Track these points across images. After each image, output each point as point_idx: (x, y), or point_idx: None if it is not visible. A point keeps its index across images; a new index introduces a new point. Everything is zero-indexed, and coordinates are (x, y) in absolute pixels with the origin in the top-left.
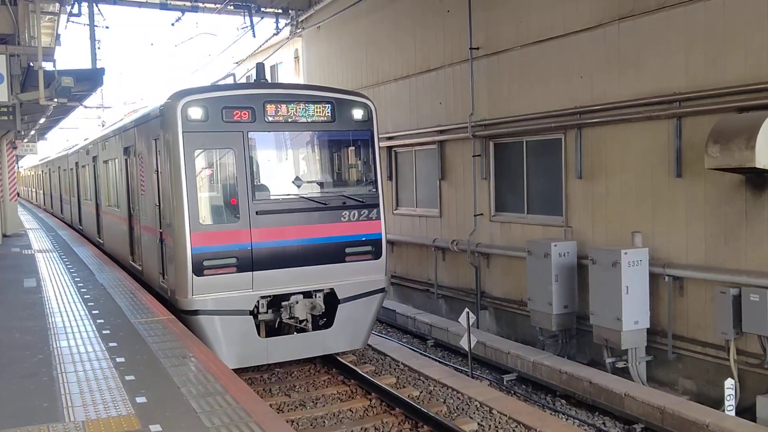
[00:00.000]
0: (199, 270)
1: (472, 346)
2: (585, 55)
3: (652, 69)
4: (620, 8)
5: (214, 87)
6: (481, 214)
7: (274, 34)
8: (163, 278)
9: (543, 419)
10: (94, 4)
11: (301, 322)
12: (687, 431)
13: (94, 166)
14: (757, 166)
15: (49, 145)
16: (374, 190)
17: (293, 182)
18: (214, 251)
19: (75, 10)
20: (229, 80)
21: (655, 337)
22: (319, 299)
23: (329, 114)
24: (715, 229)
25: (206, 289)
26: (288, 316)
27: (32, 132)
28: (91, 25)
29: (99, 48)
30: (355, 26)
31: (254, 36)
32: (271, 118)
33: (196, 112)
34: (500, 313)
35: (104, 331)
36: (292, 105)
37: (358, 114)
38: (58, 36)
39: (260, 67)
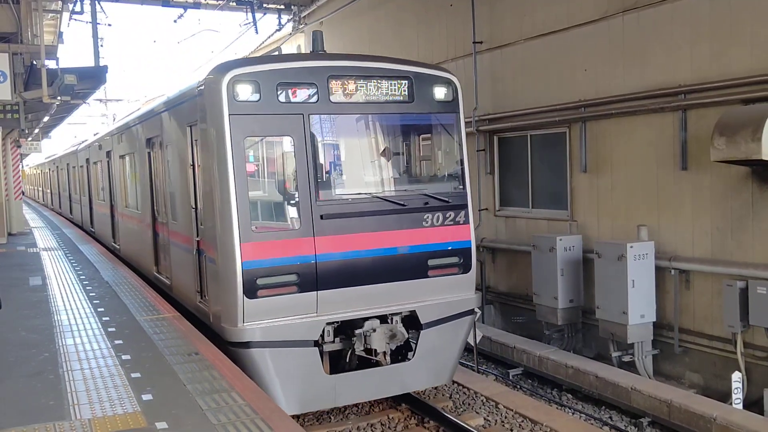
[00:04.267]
0: (251, 290)
1: (477, 341)
2: (589, 48)
3: (656, 61)
4: (624, 0)
5: (266, 58)
6: (486, 209)
7: (277, 31)
8: (202, 298)
9: (549, 414)
10: (96, 2)
11: (376, 354)
12: (694, 425)
13: (108, 162)
14: (764, 158)
15: (53, 143)
16: (461, 187)
17: (365, 178)
18: (270, 266)
19: (77, 8)
20: None
21: (661, 330)
22: (398, 325)
23: (406, 92)
24: (721, 221)
25: (261, 315)
26: (362, 348)
27: (36, 130)
28: (94, 23)
29: (102, 46)
30: (358, 22)
31: (257, 32)
32: (336, 98)
33: (245, 90)
34: (506, 308)
35: (110, 329)
36: (362, 81)
37: (440, 92)
38: (60, 34)
39: (318, 35)
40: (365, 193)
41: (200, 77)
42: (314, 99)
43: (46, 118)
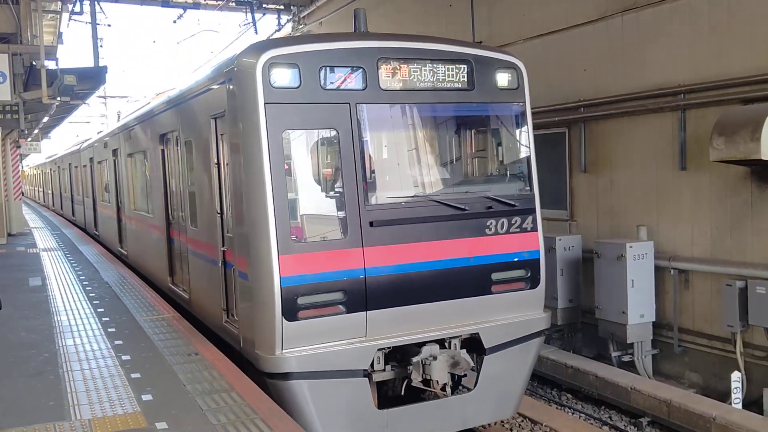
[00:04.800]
0: (291, 311)
1: None
2: (588, 49)
3: (656, 61)
4: (624, 0)
5: (306, 37)
6: None
7: (276, 31)
8: (228, 317)
9: (549, 413)
10: (95, 2)
11: (436, 386)
12: (694, 424)
13: (114, 161)
14: (763, 158)
15: (53, 143)
16: (528, 188)
17: (419, 178)
18: (312, 282)
19: (77, 9)
20: None
21: (660, 330)
22: (462, 351)
23: (465, 78)
24: (720, 221)
25: (302, 340)
26: (420, 378)
27: (36, 131)
28: (93, 23)
29: (101, 46)
30: None
31: (256, 32)
32: (387, 84)
33: (283, 75)
34: None
35: (110, 329)
36: (416, 65)
37: (503, 79)
38: (60, 34)
39: (360, 13)
40: (420, 196)
41: (228, 59)
42: (362, 86)
43: (45, 119)
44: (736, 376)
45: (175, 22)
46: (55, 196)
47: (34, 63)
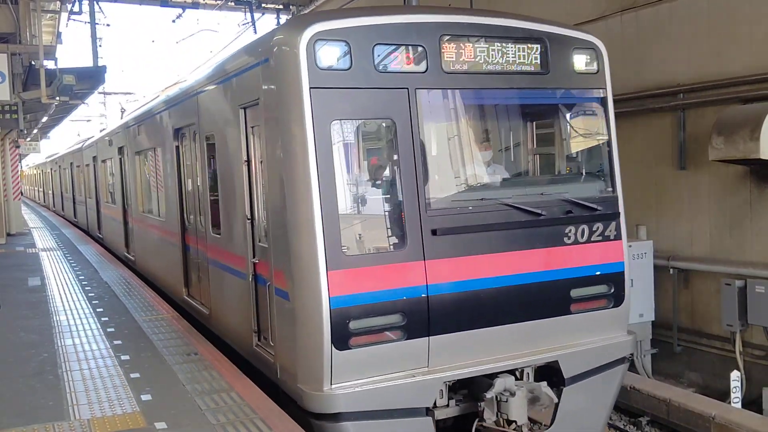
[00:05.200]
0: (342, 338)
1: None
2: None
3: (655, 61)
4: (623, 0)
5: (356, 10)
6: None
7: None
8: (260, 340)
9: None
10: (94, 2)
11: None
12: (693, 424)
13: (120, 159)
14: (762, 157)
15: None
16: (611, 189)
17: (487, 177)
18: (366, 303)
19: (76, 8)
20: None
21: (660, 329)
22: (542, 385)
23: (539, 60)
24: (719, 221)
25: (354, 372)
26: (494, 417)
27: (35, 131)
28: (92, 23)
29: (100, 46)
30: None
31: (255, 32)
32: (450, 66)
33: (331, 54)
34: None
35: (109, 329)
36: (483, 44)
37: (581, 61)
38: (59, 34)
39: None
40: (490, 199)
41: (263, 38)
42: (422, 67)
43: (44, 119)
44: (735, 376)
45: (174, 21)
46: (56, 197)
47: (33, 63)
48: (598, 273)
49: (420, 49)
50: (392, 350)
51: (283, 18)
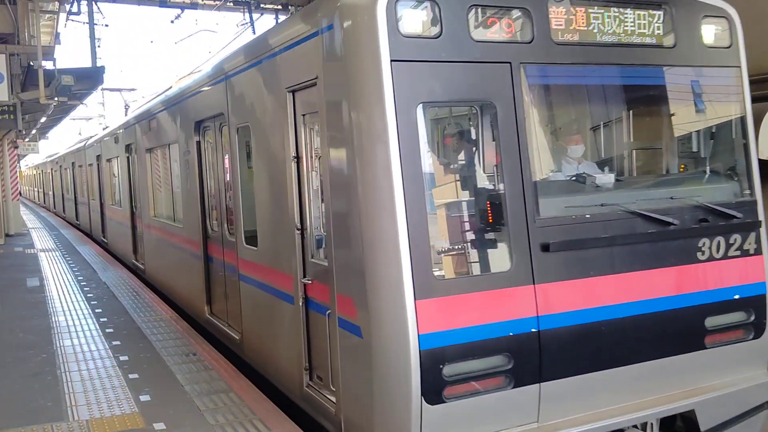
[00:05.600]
0: (435, 387)
1: None
2: None
3: None
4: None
5: None
6: None
7: None
8: (312, 379)
9: None
10: (93, 3)
11: None
12: None
13: (128, 158)
14: (761, 157)
15: (51, 144)
16: (749, 191)
17: (604, 178)
18: (462, 342)
19: (74, 9)
20: None
21: None
22: None
23: (661, 30)
24: None
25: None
26: None
27: (33, 131)
28: (91, 24)
29: (99, 46)
30: None
31: (254, 33)
32: (560, 36)
33: (416, 18)
34: None
35: (108, 330)
36: (597, 8)
37: (710, 33)
38: (57, 35)
39: None
40: (611, 204)
41: (320, 1)
42: (527, 37)
43: (43, 119)
44: None
45: (172, 22)
46: (57, 198)
47: (31, 63)
48: (736, 296)
49: (524, 14)
50: (494, 402)
51: (282, 18)
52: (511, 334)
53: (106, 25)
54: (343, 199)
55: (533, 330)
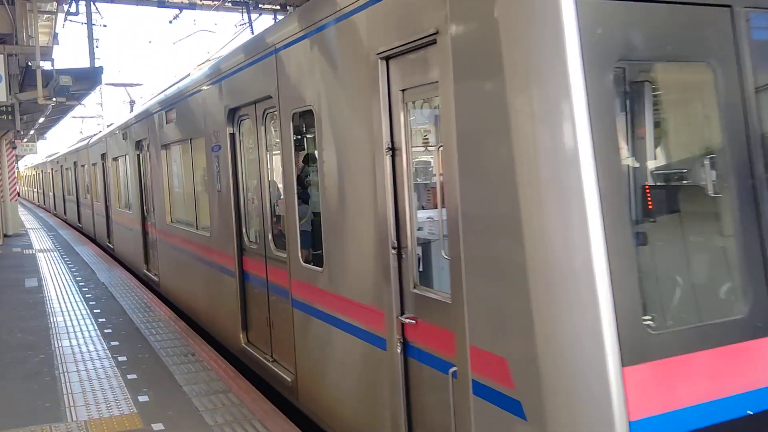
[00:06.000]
0: None
1: None
2: None
3: None
4: None
5: None
6: None
7: None
8: None
9: None
10: (91, 3)
11: None
12: None
13: (138, 156)
14: None
15: (50, 144)
16: None
17: None
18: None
19: (72, 9)
20: None
21: None
22: None
23: None
24: None
25: None
26: None
27: (31, 132)
28: (89, 24)
29: (97, 46)
30: None
31: (252, 33)
32: None
33: None
34: None
35: (106, 330)
36: None
37: None
38: (55, 35)
39: None
40: None
41: None
42: None
43: (41, 120)
44: None
45: (171, 22)
46: (58, 199)
47: (29, 63)
48: None
49: None
50: None
51: (280, 18)
52: (750, 414)
53: (105, 26)
54: (485, 208)
55: None
